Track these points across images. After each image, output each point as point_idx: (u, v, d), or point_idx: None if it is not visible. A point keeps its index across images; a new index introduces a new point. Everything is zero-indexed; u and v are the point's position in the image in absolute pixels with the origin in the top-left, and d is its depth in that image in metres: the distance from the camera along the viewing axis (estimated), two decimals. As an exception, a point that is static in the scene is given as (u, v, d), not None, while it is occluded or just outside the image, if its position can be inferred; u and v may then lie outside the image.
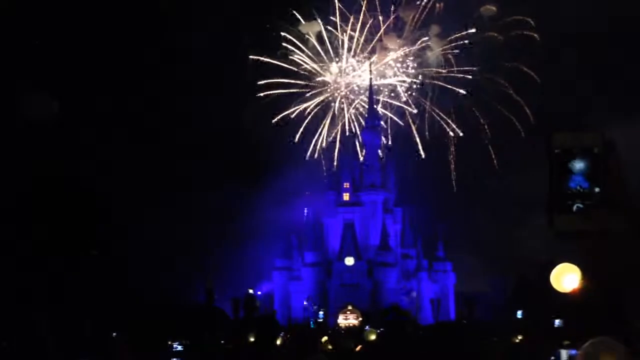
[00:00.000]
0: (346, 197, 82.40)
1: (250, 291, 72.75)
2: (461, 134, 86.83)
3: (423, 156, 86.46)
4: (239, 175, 77.93)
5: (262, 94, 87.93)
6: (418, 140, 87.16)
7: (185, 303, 60.49)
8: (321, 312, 72.38)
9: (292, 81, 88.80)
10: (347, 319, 72.64)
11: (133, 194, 71.24)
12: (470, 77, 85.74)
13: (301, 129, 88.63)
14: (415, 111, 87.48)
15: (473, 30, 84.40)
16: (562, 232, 2.35)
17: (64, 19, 69.75)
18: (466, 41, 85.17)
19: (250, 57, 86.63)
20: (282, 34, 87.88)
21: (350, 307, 73.70)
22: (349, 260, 76.75)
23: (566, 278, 5.58)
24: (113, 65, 74.91)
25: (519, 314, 61.58)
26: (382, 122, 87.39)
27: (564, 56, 73.70)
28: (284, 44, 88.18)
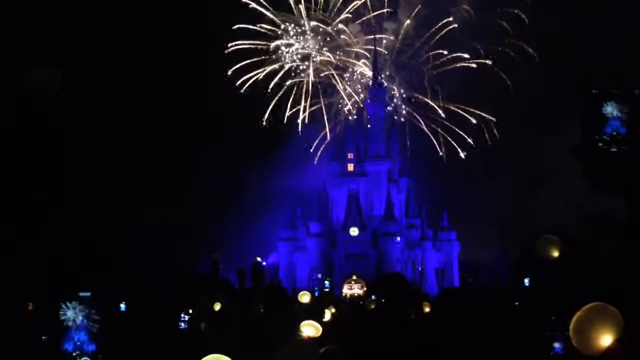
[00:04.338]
0: (350, 167, 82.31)
1: (259, 259, 73.24)
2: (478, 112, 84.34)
3: (442, 155, 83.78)
4: (243, 148, 77.89)
5: (259, 73, 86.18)
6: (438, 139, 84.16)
7: (191, 274, 60.98)
8: (327, 282, 72.80)
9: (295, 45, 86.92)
10: (352, 289, 73.09)
11: (137, 167, 71.50)
12: (495, 46, 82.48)
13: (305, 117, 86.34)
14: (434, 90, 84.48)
15: None
16: (596, 177, 2.21)
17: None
18: (498, 9, 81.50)
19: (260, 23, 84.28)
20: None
21: (355, 277, 74.09)
22: (354, 231, 76.98)
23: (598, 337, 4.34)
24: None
25: (526, 281, 61.86)
26: (387, 92, 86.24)
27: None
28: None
